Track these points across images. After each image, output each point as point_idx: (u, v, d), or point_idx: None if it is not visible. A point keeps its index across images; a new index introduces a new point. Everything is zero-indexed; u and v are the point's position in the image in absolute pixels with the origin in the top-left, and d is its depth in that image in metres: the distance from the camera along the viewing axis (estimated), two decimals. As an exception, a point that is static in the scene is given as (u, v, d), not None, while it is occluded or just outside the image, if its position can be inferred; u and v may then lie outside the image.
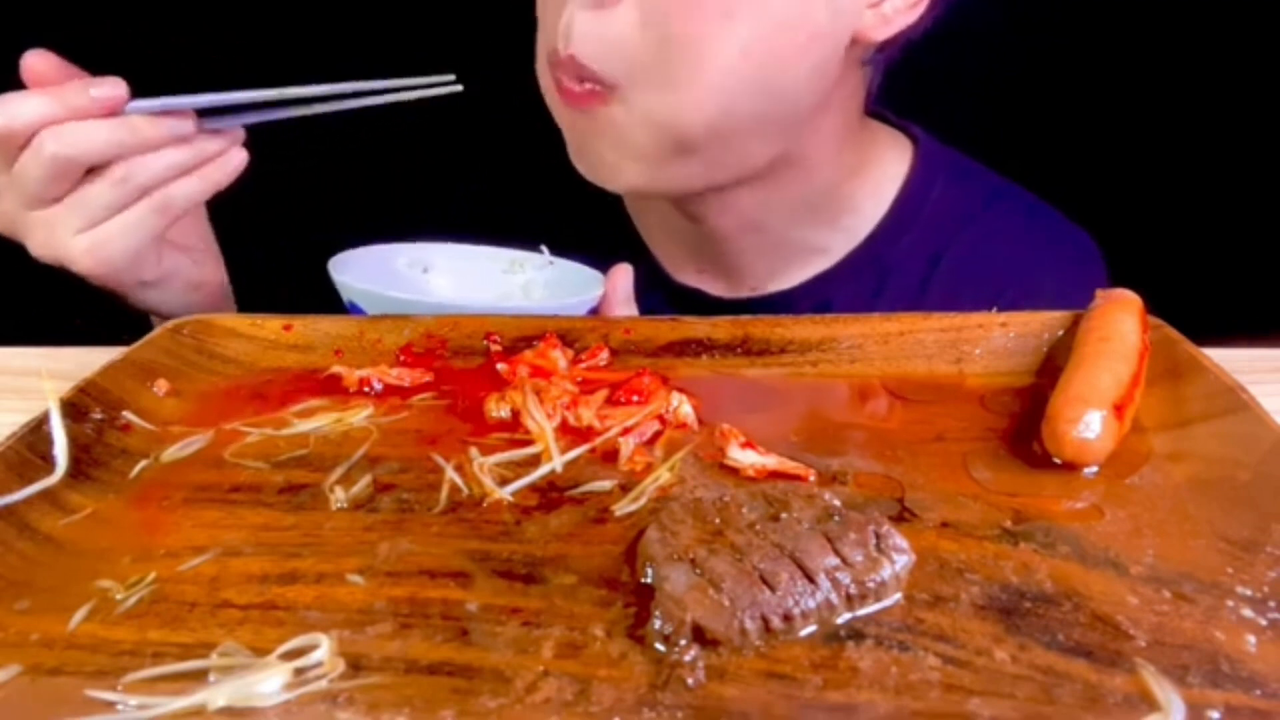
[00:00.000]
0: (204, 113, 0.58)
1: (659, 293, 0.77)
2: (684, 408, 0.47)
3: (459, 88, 0.62)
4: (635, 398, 0.48)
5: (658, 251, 0.79)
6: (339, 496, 0.41)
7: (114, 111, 0.56)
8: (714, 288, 0.78)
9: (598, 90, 0.61)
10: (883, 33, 0.64)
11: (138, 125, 0.57)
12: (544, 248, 0.67)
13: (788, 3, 0.60)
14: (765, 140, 0.66)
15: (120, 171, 0.57)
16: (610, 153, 0.65)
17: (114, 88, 0.56)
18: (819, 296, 0.74)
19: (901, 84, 0.76)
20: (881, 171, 0.76)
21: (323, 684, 0.31)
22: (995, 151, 0.81)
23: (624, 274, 0.61)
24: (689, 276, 0.78)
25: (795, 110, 0.65)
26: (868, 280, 0.74)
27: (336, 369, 0.53)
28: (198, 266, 0.66)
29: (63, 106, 0.55)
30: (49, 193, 0.57)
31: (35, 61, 0.57)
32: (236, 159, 0.60)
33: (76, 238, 0.58)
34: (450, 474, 0.43)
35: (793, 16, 0.61)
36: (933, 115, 0.80)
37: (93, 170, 0.56)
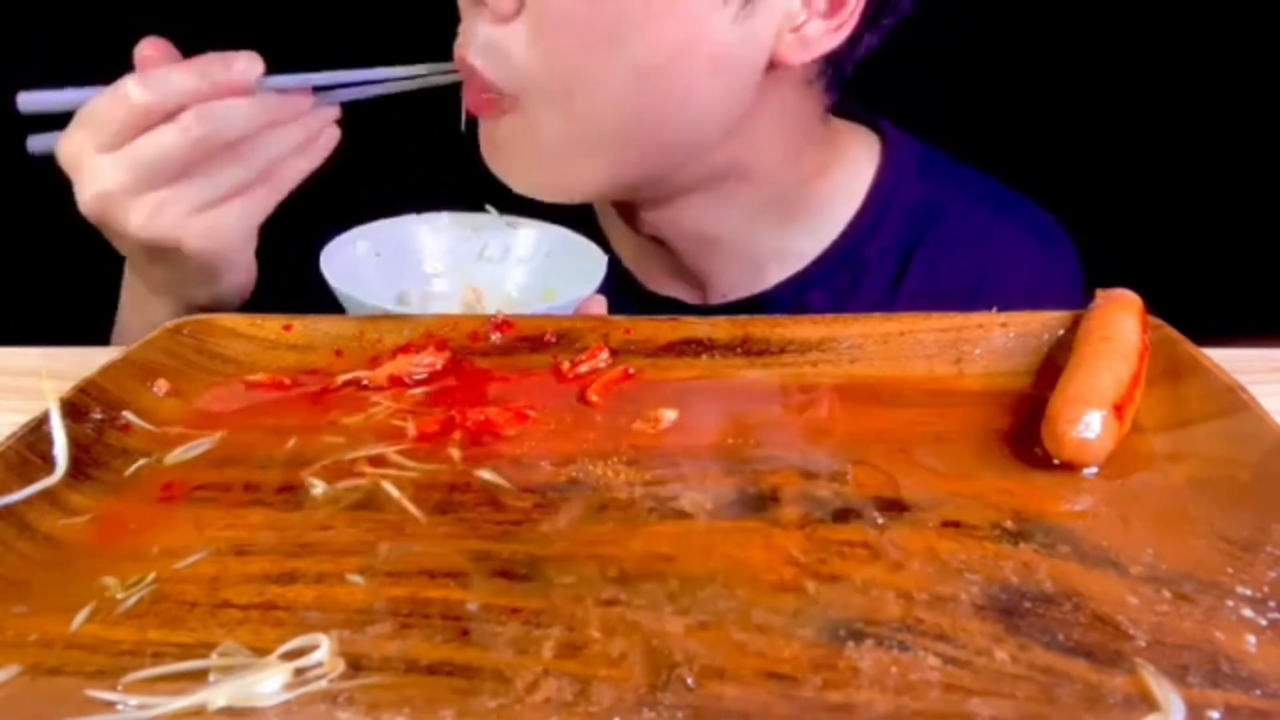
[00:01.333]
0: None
1: (632, 304, 0.77)
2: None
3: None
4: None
5: (627, 259, 0.79)
6: (337, 495, 0.42)
7: (248, 89, 0.56)
8: (688, 295, 0.78)
9: (493, 99, 0.62)
10: (801, 56, 0.63)
11: (271, 105, 0.57)
12: (489, 207, 0.68)
13: (681, 30, 0.59)
14: (679, 160, 0.66)
15: (247, 149, 0.57)
16: (511, 158, 0.65)
17: (253, 63, 0.56)
18: (794, 299, 0.74)
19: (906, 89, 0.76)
20: (849, 171, 0.76)
21: (323, 684, 0.31)
22: (994, 154, 0.81)
23: (598, 307, 0.61)
24: (661, 285, 0.78)
25: (710, 133, 0.65)
26: (842, 280, 0.74)
27: (360, 373, 0.52)
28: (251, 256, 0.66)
29: (209, 83, 0.55)
30: (178, 172, 0.56)
31: (151, 51, 0.57)
32: (332, 135, 0.61)
33: (194, 217, 0.57)
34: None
35: (688, 43, 0.60)
36: (938, 121, 0.81)
37: None
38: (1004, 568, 0.36)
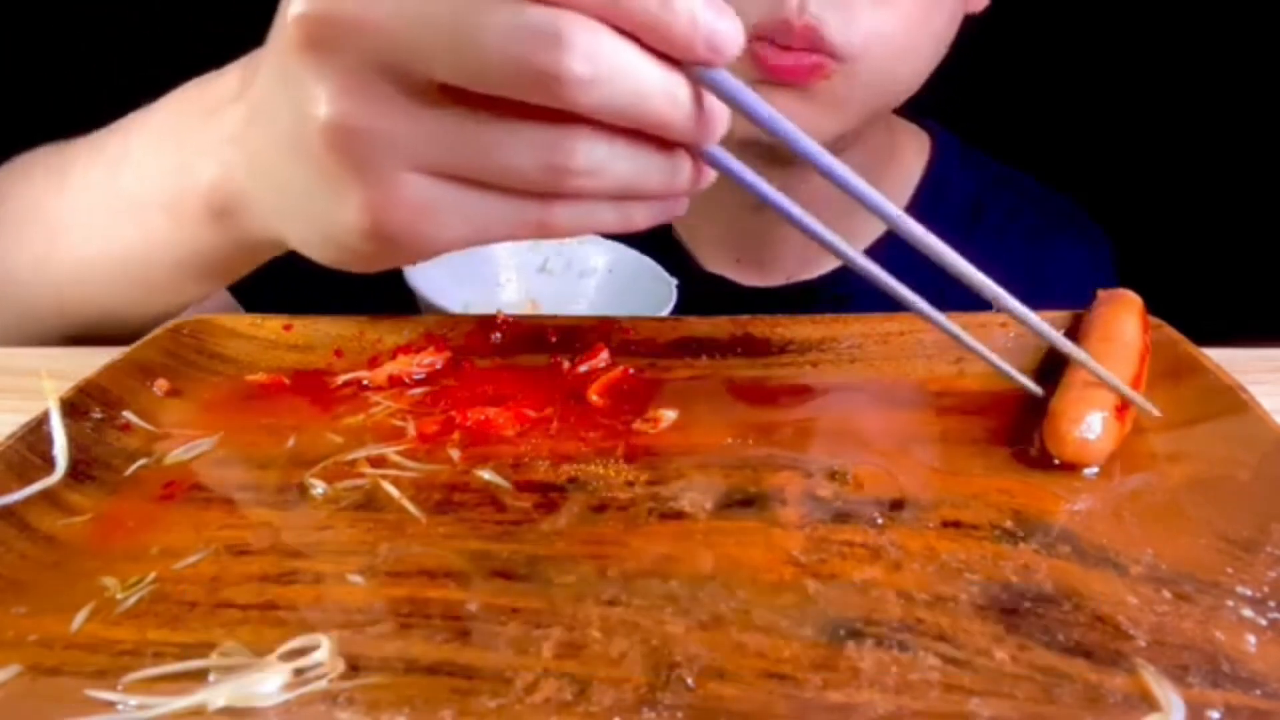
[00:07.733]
0: None
1: (684, 280, 0.77)
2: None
3: None
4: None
5: (690, 239, 0.79)
6: (337, 495, 0.42)
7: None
8: (745, 277, 0.78)
9: (823, 64, 0.60)
10: (981, 3, 0.67)
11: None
12: None
13: None
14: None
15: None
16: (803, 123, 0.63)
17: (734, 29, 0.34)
18: (843, 285, 0.75)
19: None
20: (905, 162, 0.78)
21: (323, 684, 0.31)
22: (995, 153, 0.81)
23: None
24: (721, 265, 0.78)
25: None
26: (890, 270, 0.74)
27: (360, 373, 0.52)
28: None
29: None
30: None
31: None
32: (681, 202, 0.41)
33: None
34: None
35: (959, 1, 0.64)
36: (935, 110, 0.81)
37: None
38: (1004, 568, 0.36)
